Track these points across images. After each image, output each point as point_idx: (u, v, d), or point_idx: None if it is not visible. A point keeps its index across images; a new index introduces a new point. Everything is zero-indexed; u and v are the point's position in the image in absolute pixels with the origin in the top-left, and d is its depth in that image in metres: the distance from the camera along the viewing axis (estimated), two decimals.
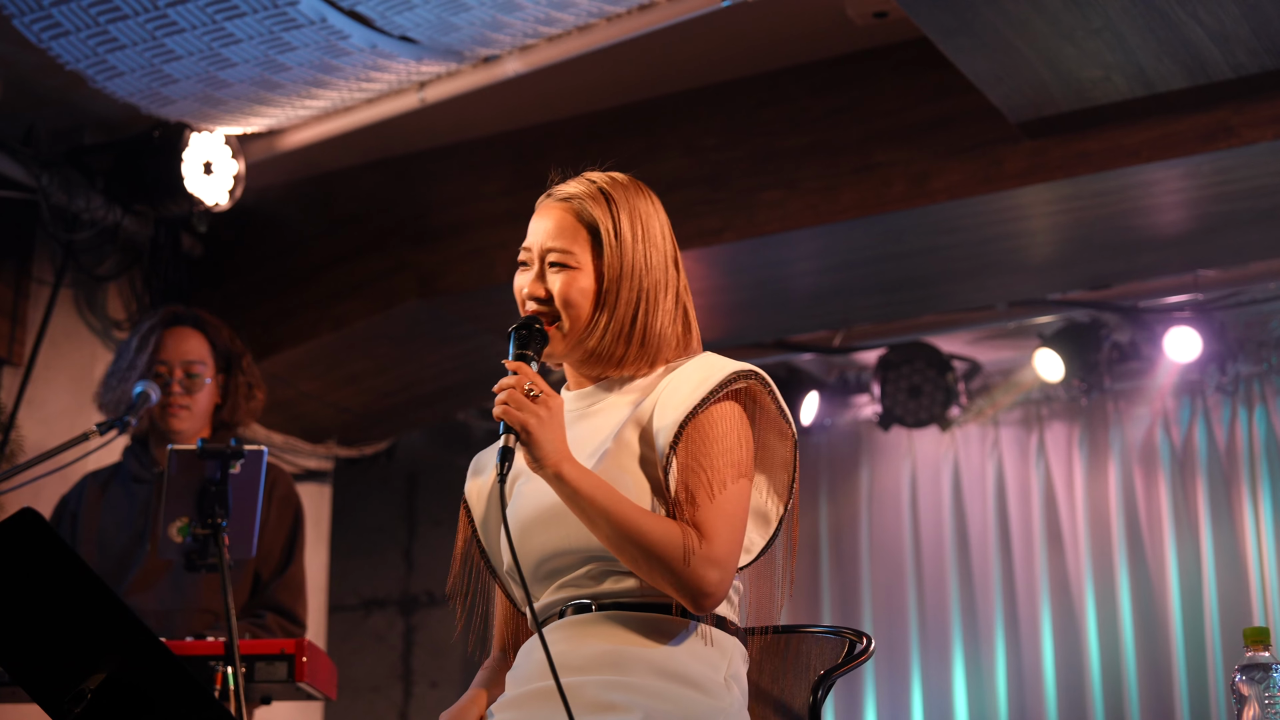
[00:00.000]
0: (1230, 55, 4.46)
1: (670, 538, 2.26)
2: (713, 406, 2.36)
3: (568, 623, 2.36)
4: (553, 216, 2.50)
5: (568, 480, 2.26)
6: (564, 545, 2.36)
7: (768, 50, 5.24)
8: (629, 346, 2.45)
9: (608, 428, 2.42)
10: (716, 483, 2.32)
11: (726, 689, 2.33)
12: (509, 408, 2.26)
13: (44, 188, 5.19)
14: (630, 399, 2.45)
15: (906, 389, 6.74)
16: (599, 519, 2.26)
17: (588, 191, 2.49)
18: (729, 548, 2.30)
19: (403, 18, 4.51)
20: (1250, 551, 6.38)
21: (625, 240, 2.45)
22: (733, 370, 2.39)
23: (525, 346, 2.40)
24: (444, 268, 5.69)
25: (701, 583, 2.27)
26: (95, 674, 2.17)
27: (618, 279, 2.43)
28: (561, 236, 2.46)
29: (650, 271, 2.46)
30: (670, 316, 2.48)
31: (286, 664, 3.54)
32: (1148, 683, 6.48)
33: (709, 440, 2.34)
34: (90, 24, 4.47)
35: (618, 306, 2.43)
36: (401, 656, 7.55)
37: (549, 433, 2.26)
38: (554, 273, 2.46)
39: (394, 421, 6.83)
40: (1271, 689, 2.46)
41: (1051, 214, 5.23)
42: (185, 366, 4.16)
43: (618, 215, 2.48)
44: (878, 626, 6.98)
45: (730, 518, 2.31)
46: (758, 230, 5.24)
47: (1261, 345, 6.56)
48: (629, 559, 2.28)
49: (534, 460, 2.26)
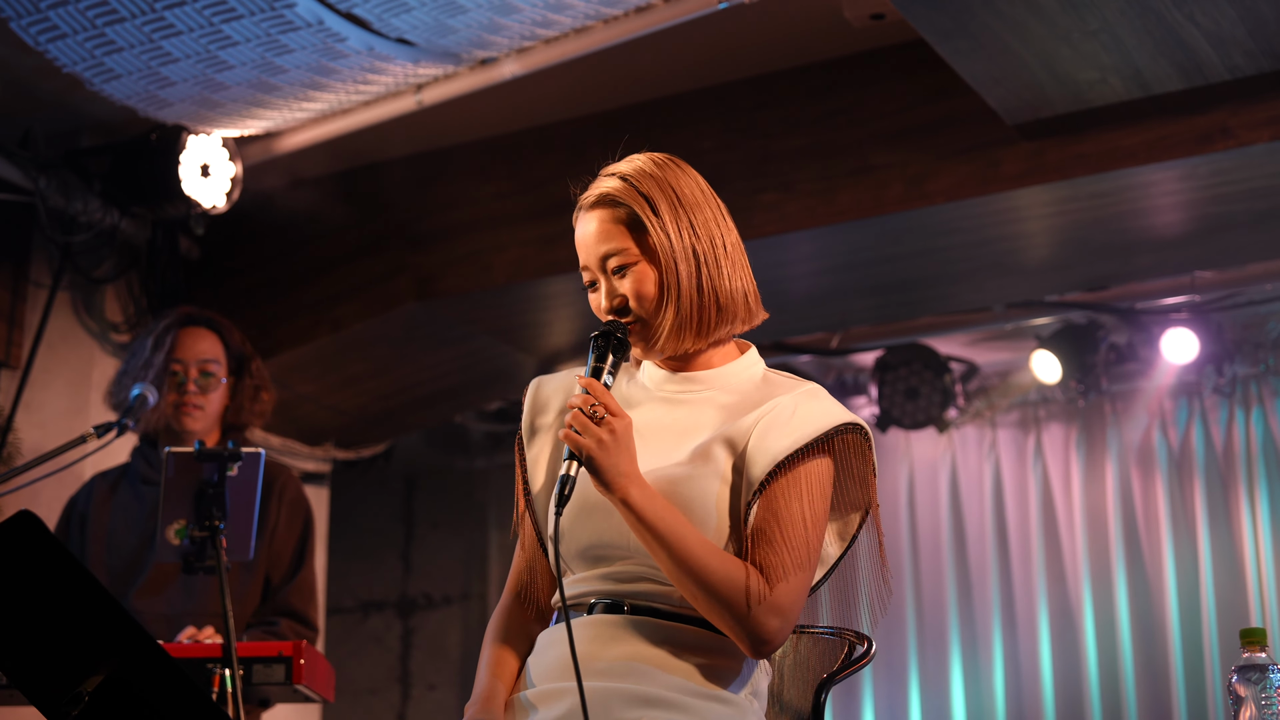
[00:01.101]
0: (1227, 57, 4.47)
1: (734, 579, 2.25)
2: (811, 459, 2.34)
3: (595, 620, 2.34)
4: (592, 224, 2.47)
5: (634, 507, 2.24)
6: (615, 538, 2.34)
7: (765, 52, 5.24)
8: (705, 312, 2.43)
9: (697, 432, 2.40)
10: (794, 533, 2.30)
11: (749, 704, 2.34)
12: (571, 432, 2.24)
13: (41, 190, 5.19)
14: (725, 403, 2.43)
15: (904, 391, 6.74)
16: (662, 550, 2.25)
17: (613, 187, 2.47)
18: (794, 597, 2.29)
19: (400, 20, 4.51)
20: (1247, 553, 6.38)
21: (665, 216, 2.44)
22: (839, 422, 2.38)
23: (602, 359, 2.37)
24: (442, 270, 5.69)
25: (762, 630, 2.26)
26: (93, 676, 2.17)
27: (672, 254, 2.41)
28: (608, 239, 2.44)
29: (699, 232, 2.45)
30: (735, 271, 2.49)
31: (284, 666, 3.55)
32: (1145, 684, 6.48)
33: (796, 492, 2.32)
34: (87, 27, 4.47)
35: (681, 281, 2.41)
36: (399, 659, 7.55)
37: (613, 458, 2.24)
38: (619, 278, 2.43)
39: (392, 424, 6.83)
40: (1268, 689, 2.46)
41: (1048, 216, 5.24)
42: (200, 366, 4.18)
43: (649, 194, 2.46)
44: (875, 628, 6.97)
45: (800, 567, 2.30)
46: (755, 232, 5.24)
47: (1259, 347, 6.56)
48: (689, 593, 2.27)
49: (599, 485, 2.25)
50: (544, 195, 5.48)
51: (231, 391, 4.25)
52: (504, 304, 5.81)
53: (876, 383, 6.80)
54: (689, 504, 2.31)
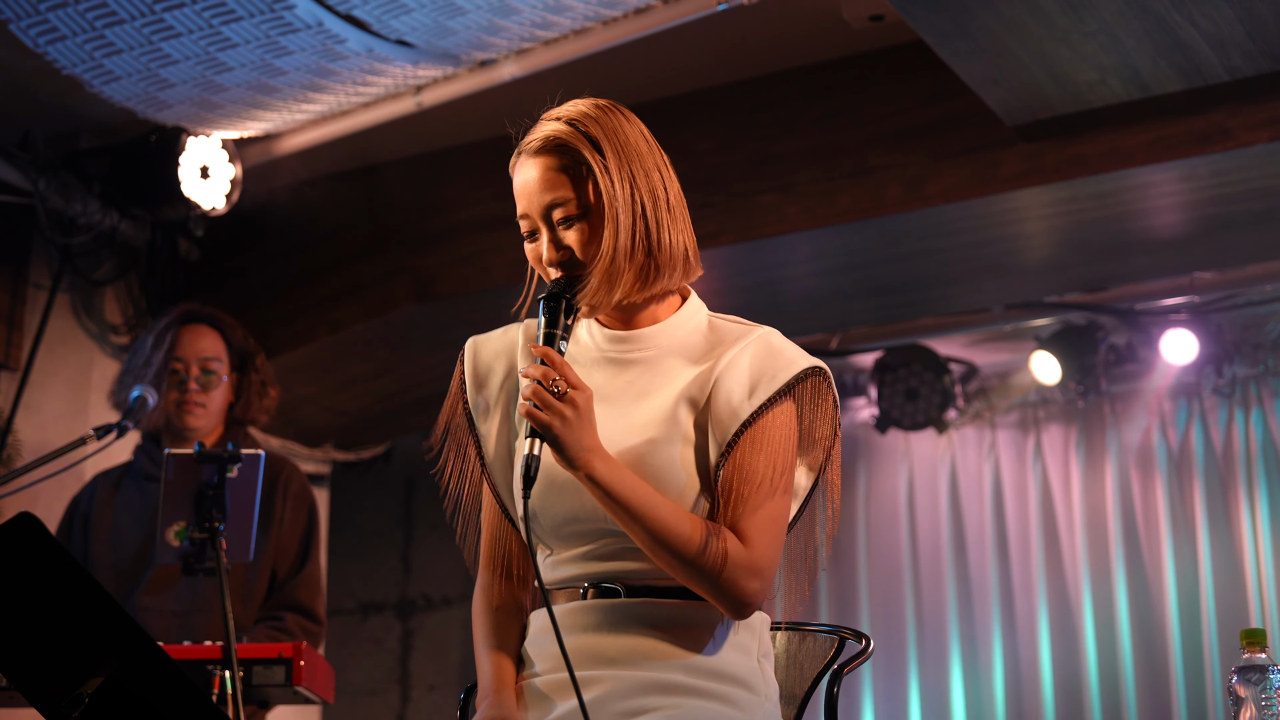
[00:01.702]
0: (1226, 58, 4.47)
1: (709, 546, 2.20)
2: (774, 409, 2.29)
3: (593, 606, 2.29)
4: (534, 170, 2.40)
5: (600, 481, 2.18)
6: (590, 513, 2.28)
7: (764, 54, 5.24)
8: (646, 265, 2.35)
9: (653, 394, 2.34)
10: (764, 491, 2.25)
11: (761, 673, 2.31)
12: (534, 409, 2.16)
13: (41, 192, 5.19)
14: (676, 359, 2.37)
15: (903, 392, 6.74)
16: (633, 522, 2.20)
17: (559, 131, 2.41)
18: (771, 556, 2.25)
19: (399, 22, 4.51)
20: (1247, 554, 6.38)
21: (611, 165, 2.37)
22: (799, 370, 2.32)
23: (554, 324, 2.29)
24: (441, 272, 5.69)
25: (741, 592, 2.22)
26: (93, 678, 2.17)
27: (616, 205, 2.33)
28: (553, 188, 2.37)
29: (645, 183, 2.38)
30: (676, 224, 2.41)
31: (284, 668, 3.55)
32: (1145, 684, 6.48)
33: (763, 447, 2.27)
34: (87, 28, 4.47)
35: (622, 233, 2.33)
36: (399, 660, 7.55)
37: (576, 434, 2.16)
38: (564, 229, 2.36)
39: (391, 425, 6.83)
40: (1268, 690, 2.46)
41: (1047, 217, 5.24)
42: (201, 364, 4.19)
43: (596, 140, 2.40)
44: (875, 628, 6.97)
45: (773, 525, 2.26)
46: (754, 234, 5.24)
47: (1258, 348, 6.56)
48: (664, 563, 2.22)
49: (563, 462, 2.18)
50: None
51: (236, 388, 4.26)
52: (504, 305, 5.73)
53: (876, 384, 6.80)
54: (658, 473, 2.26)
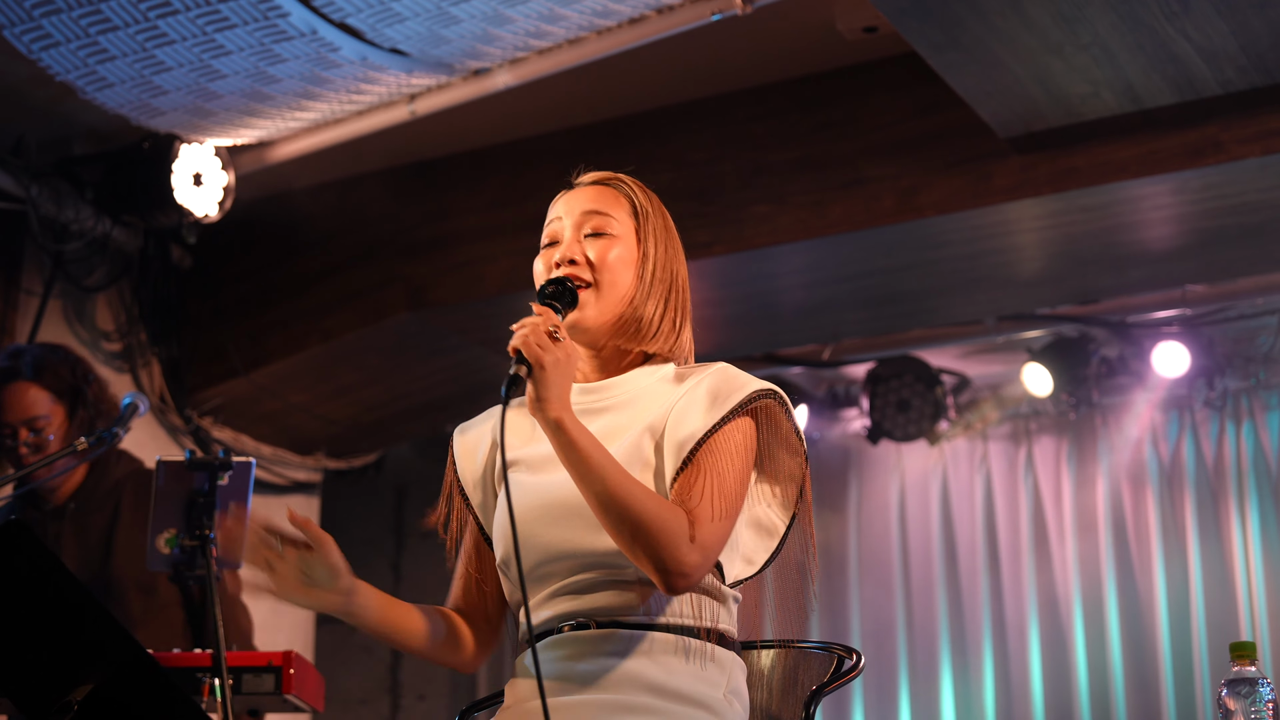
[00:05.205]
0: (1218, 72, 4.48)
1: (662, 512, 2.19)
2: (729, 425, 2.31)
3: (565, 639, 2.30)
4: (587, 191, 2.46)
5: (567, 429, 2.17)
6: (567, 548, 2.29)
7: (758, 65, 5.25)
8: (660, 322, 2.41)
9: (620, 433, 2.36)
10: (717, 483, 2.26)
11: (728, 705, 2.30)
12: (529, 339, 2.17)
13: (33, 198, 5.18)
14: (642, 399, 2.39)
15: (895, 403, 6.75)
16: (592, 476, 2.18)
17: (619, 176, 2.49)
18: (718, 538, 2.24)
19: (393, 30, 4.51)
20: (1237, 566, 6.38)
21: (658, 224, 2.44)
22: (752, 390, 2.35)
23: (557, 298, 2.33)
24: (434, 280, 5.69)
25: (682, 562, 2.19)
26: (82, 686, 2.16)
27: (653, 255, 2.40)
28: (601, 201, 2.44)
29: (677, 258, 2.46)
30: (684, 308, 2.47)
31: (274, 676, 3.54)
32: (1135, 697, 6.48)
33: (719, 452, 2.28)
34: (80, 35, 4.47)
35: (654, 282, 2.40)
36: (389, 669, 7.54)
37: (560, 378, 2.17)
38: (590, 241, 2.40)
39: (383, 434, 6.83)
40: (1257, 703, 2.46)
41: (1040, 229, 5.25)
42: (28, 424, 4.08)
43: (650, 200, 2.47)
44: (866, 640, 6.97)
45: (722, 511, 2.25)
46: (747, 244, 5.25)
47: (1249, 361, 6.57)
48: (613, 523, 2.19)
49: (538, 400, 2.16)
50: (536, 206, 5.47)
51: (76, 426, 4.10)
52: (496, 314, 5.80)
53: (868, 395, 6.81)
54: None
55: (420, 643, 2.43)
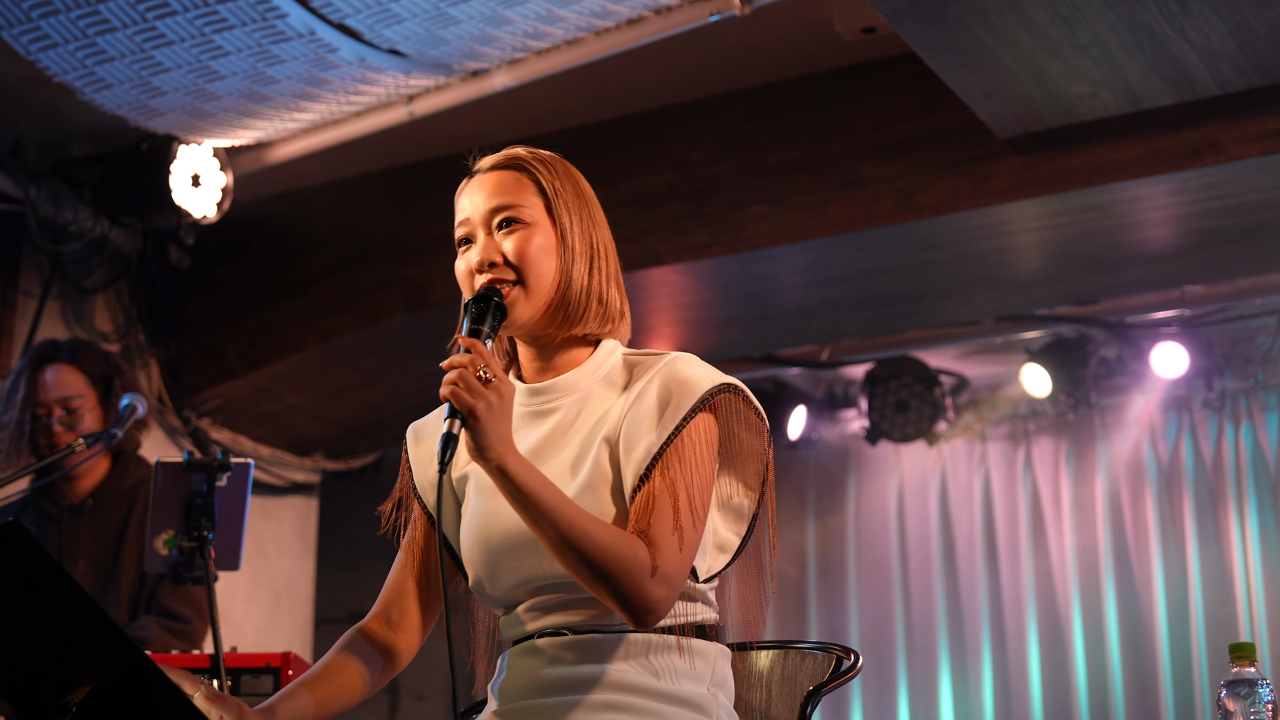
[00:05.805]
0: (1217, 72, 4.48)
1: (621, 550, 2.11)
2: (685, 431, 2.22)
3: (542, 644, 2.26)
4: (488, 182, 2.36)
5: (511, 475, 2.08)
6: (528, 574, 2.25)
7: (756, 65, 5.25)
8: (588, 303, 2.31)
9: (576, 440, 2.29)
10: (676, 505, 2.18)
11: (713, 699, 2.27)
12: (458, 389, 2.08)
13: (31, 199, 5.18)
14: (591, 402, 2.31)
15: (894, 404, 6.75)
16: (545, 520, 2.10)
17: (517, 155, 2.39)
18: (681, 565, 2.17)
19: (391, 31, 4.51)
20: (1236, 567, 6.39)
21: (569, 196, 2.34)
22: (705, 391, 2.24)
23: (480, 322, 2.24)
24: (432, 281, 5.69)
25: (648, 600, 2.12)
26: (80, 688, 2.16)
27: (570, 232, 2.31)
28: (505, 193, 2.33)
29: (597, 227, 2.36)
30: (613, 279, 2.36)
31: (272, 677, 3.54)
32: (1134, 697, 6.49)
33: (678, 461, 2.21)
34: (79, 36, 4.47)
35: (575, 261, 2.30)
36: None
37: (497, 423, 2.08)
38: (504, 234, 2.32)
39: (381, 435, 6.82)
40: (1256, 704, 2.46)
41: (1039, 229, 5.25)
42: (63, 403, 4.15)
43: (555, 171, 2.37)
44: (864, 640, 6.97)
45: (685, 534, 2.17)
46: (745, 245, 5.24)
47: (1248, 361, 6.57)
48: (573, 565, 2.13)
49: (477, 449, 2.08)
50: None
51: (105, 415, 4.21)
52: None
53: (866, 396, 6.81)
54: None
55: (361, 692, 2.41)
